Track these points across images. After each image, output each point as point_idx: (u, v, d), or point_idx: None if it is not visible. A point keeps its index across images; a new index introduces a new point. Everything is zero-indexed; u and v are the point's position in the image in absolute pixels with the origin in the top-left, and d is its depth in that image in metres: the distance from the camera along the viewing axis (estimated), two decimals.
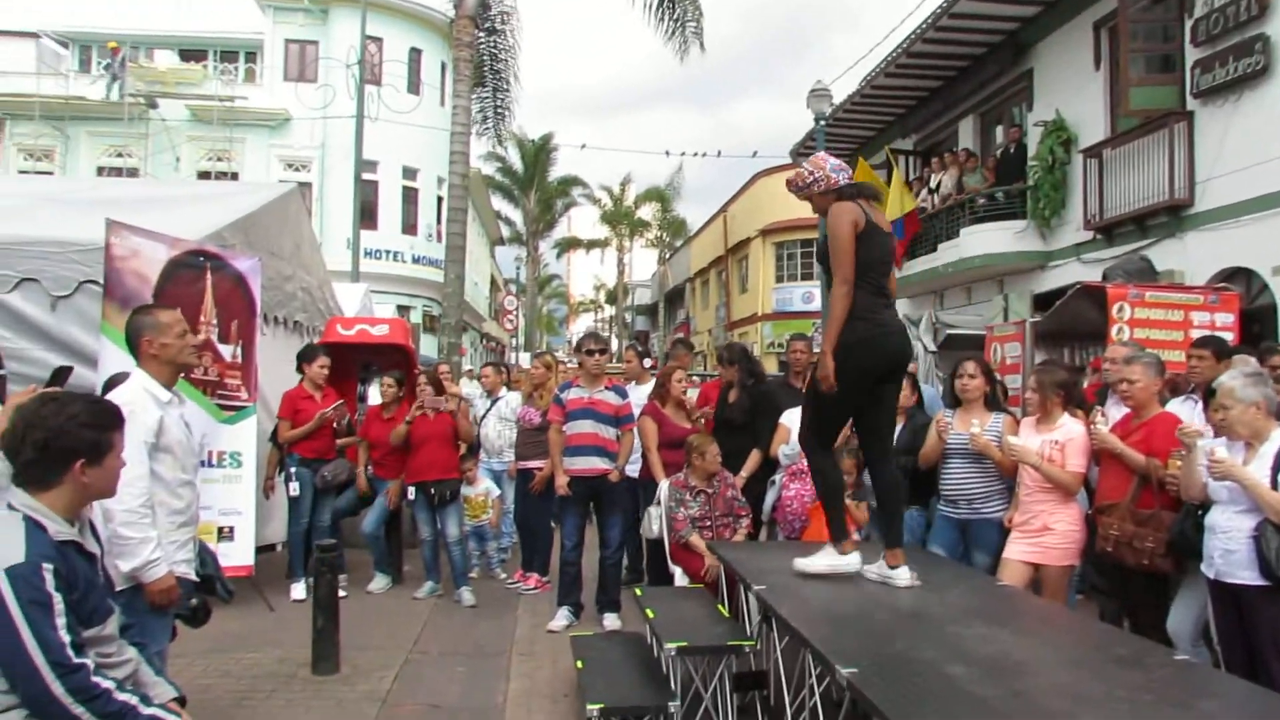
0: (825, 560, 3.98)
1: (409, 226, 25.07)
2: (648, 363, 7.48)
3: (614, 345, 36.52)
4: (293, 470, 6.48)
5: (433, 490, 6.49)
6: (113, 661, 2.26)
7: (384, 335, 7.83)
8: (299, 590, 6.38)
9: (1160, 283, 8.69)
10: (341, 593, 5.81)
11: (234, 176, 22.55)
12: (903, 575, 3.78)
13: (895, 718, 2.30)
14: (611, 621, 5.86)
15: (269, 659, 5.16)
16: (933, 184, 14.60)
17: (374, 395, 8.00)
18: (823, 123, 15.20)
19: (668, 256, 44.82)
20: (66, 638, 2.07)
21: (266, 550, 6.88)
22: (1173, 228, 10.13)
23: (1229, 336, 6.20)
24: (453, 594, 6.58)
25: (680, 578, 5.41)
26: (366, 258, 20.19)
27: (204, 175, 22.55)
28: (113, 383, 3.95)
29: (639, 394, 6.62)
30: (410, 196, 25.20)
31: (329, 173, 23.42)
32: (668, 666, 4.19)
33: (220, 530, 5.86)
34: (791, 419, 5.78)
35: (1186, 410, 4.57)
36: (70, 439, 2.21)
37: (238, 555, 5.88)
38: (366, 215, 21.10)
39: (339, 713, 4.40)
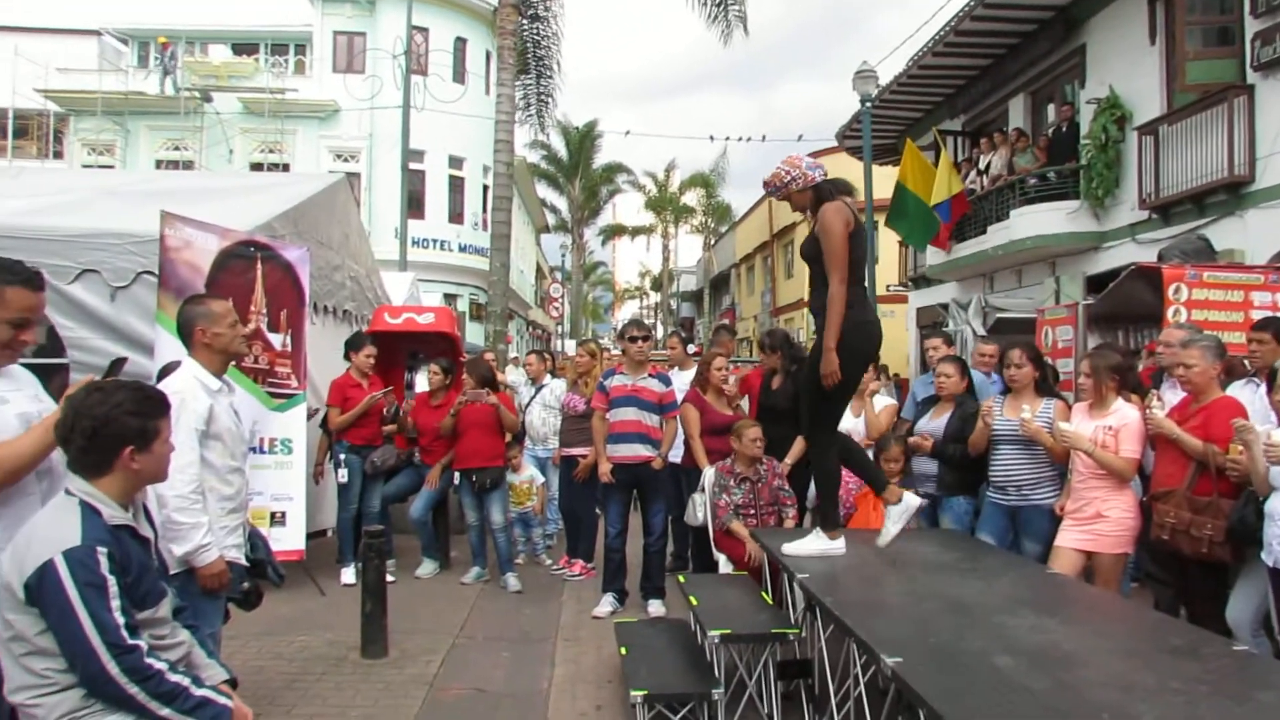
0: (815, 544, 4.19)
1: (455, 215, 25.28)
2: (691, 349, 7.44)
3: (659, 332, 36.55)
4: (342, 456, 6.59)
5: (474, 477, 6.56)
6: (166, 643, 2.33)
7: (430, 323, 7.91)
8: (349, 575, 6.51)
9: (1219, 263, 8.43)
10: (390, 577, 5.91)
11: (285, 168, 22.92)
12: (910, 498, 4.10)
13: (940, 708, 2.27)
14: (656, 608, 5.88)
15: (319, 642, 5.26)
16: (982, 165, 14.31)
17: (421, 383, 8.10)
18: (869, 104, 14.97)
19: (713, 242, 44.62)
20: (121, 619, 2.14)
21: (317, 536, 7.01)
22: (1232, 206, 9.81)
23: None
24: (498, 579, 6.65)
25: (725, 565, 5.40)
26: (414, 247, 20.43)
27: (256, 167, 22.94)
28: (166, 371, 4.04)
29: (683, 380, 6.60)
30: (456, 185, 25.40)
31: (377, 163, 23.73)
32: (712, 654, 4.18)
33: (272, 515, 5.98)
34: None
35: (1248, 394, 4.42)
36: (117, 426, 2.27)
37: (289, 540, 5.99)
38: (414, 204, 21.32)
39: (387, 695, 4.47)
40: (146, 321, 5.68)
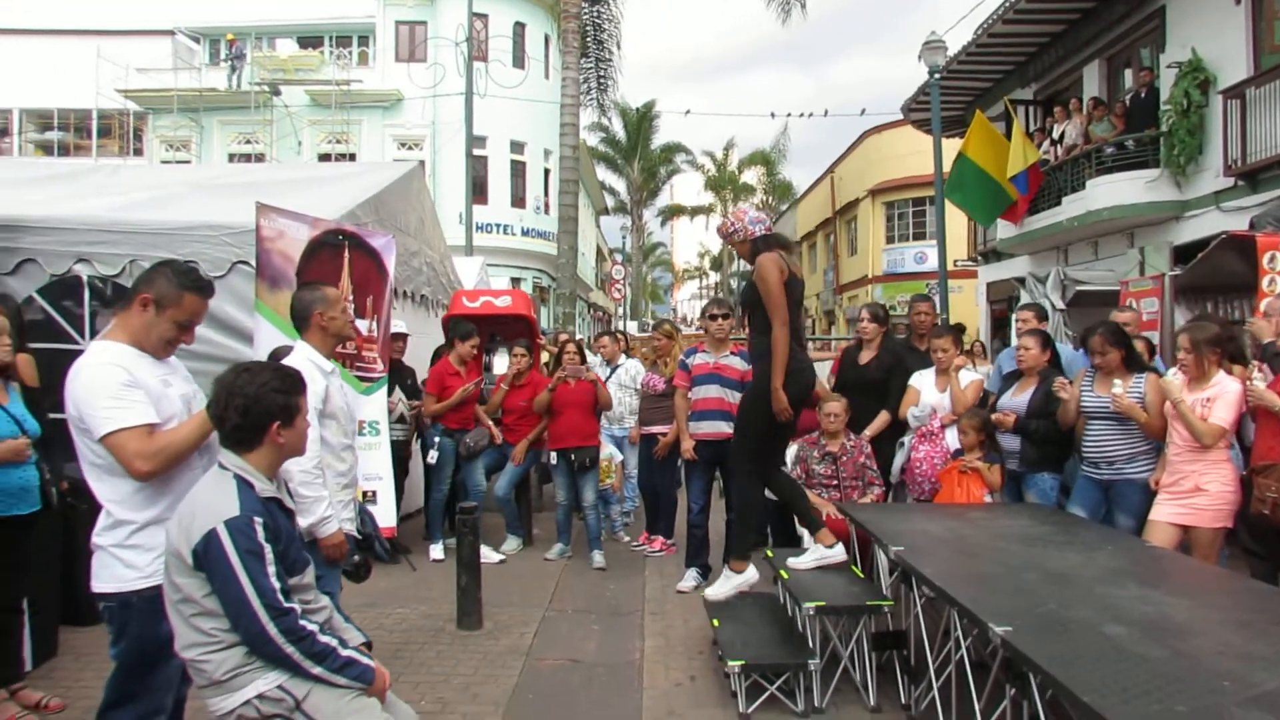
0: (813, 555, 4.61)
1: (517, 199, 25.57)
2: None
3: None
4: (435, 439, 6.75)
5: (573, 457, 6.69)
6: (313, 608, 2.48)
7: (507, 306, 8.06)
8: (437, 551, 6.70)
9: None
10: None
11: (351, 157, 23.42)
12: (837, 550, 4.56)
13: (1057, 674, 2.30)
14: None
15: (416, 614, 5.46)
16: (1055, 134, 13.95)
17: (499, 365, 8.24)
18: (937, 76, 14.68)
19: (773, 220, 44.25)
20: (277, 584, 2.29)
21: (404, 519, 7.22)
22: None
23: None
24: (583, 556, 6.78)
25: (809, 539, 5.42)
26: (478, 232, 20.72)
27: (324, 157, 23.50)
28: (276, 355, 4.22)
29: None
30: (518, 170, 25.67)
31: (440, 150, 24.08)
32: (804, 625, 4.24)
33: (364, 494, 6.18)
34: (921, 381, 5.73)
35: None
36: (266, 403, 2.44)
37: (381, 517, 6.14)
38: (477, 190, 21.61)
39: (486, 664, 4.64)
40: (243, 310, 5.90)
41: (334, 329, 3.48)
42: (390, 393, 6.72)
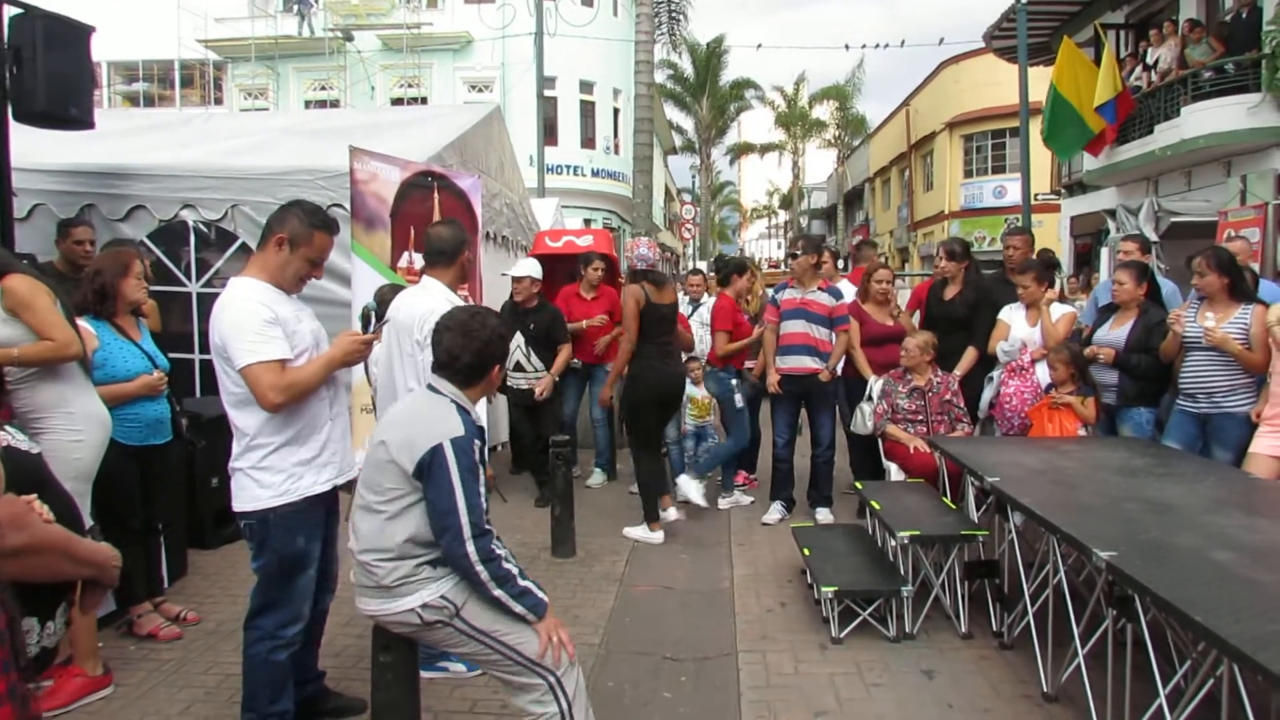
0: (638, 532, 5.76)
1: (587, 140, 25.50)
2: (841, 264, 7.37)
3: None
4: (734, 382, 6.50)
5: None
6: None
7: (589, 245, 8.12)
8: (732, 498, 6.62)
9: None
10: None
11: (423, 101, 23.53)
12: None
13: (1166, 595, 2.34)
14: (824, 516, 6.04)
15: (511, 542, 5.51)
16: (1149, 60, 13.30)
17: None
18: (1024, 1, 14.08)
19: (845, 156, 43.24)
20: (485, 504, 2.48)
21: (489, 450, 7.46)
22: None
23: None
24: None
25: (896, 473, 5.48)
26: (548, 174, 20.72)
27: (396, 101, 23.63)
28: (382, 295, 4.39)
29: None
30: (587, 110, 25.54)
31: (510, 91, 24.02)
32: (894, 555, 4.32)
33: None
34: (1011, 315, 5.67)
35: None
36: (495, 347, 2.65)
37: None
38: (547, 131, 21.58)
39: (583, 590, 4.84)
40: (339, 251, 6.08)
41: (467, 268, 3.64)
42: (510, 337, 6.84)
